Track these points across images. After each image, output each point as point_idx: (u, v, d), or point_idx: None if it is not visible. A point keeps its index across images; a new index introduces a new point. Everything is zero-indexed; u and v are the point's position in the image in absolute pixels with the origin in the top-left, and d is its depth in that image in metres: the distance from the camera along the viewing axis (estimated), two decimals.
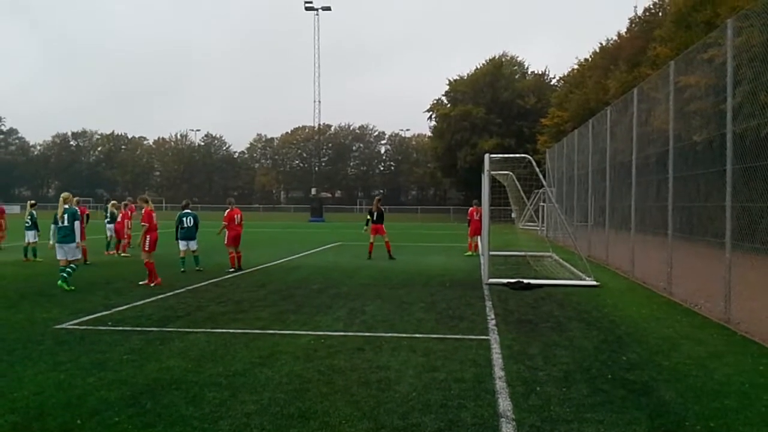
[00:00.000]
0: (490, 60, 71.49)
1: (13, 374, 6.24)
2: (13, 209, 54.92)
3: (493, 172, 15.93)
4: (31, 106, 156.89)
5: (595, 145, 19.60)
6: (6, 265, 16.45)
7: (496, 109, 67.73)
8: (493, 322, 9.16)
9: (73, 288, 11.97)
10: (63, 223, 12.33)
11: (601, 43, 47.99)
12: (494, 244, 17.03)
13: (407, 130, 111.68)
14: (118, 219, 20.18)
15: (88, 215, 18.03)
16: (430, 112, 74.03)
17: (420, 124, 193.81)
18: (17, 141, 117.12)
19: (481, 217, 20.85)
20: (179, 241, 15.71)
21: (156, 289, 12.21)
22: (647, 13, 41.92)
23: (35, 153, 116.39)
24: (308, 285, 13.11)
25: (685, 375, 6.38)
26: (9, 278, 13.76)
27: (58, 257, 12.45)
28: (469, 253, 21.26)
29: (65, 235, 12.31)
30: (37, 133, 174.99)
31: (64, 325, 8.70)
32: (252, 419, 5.01)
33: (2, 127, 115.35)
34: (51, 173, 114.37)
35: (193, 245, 15.73)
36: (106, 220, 20.68)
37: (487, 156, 15.10)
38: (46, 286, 12.36)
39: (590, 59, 49.24)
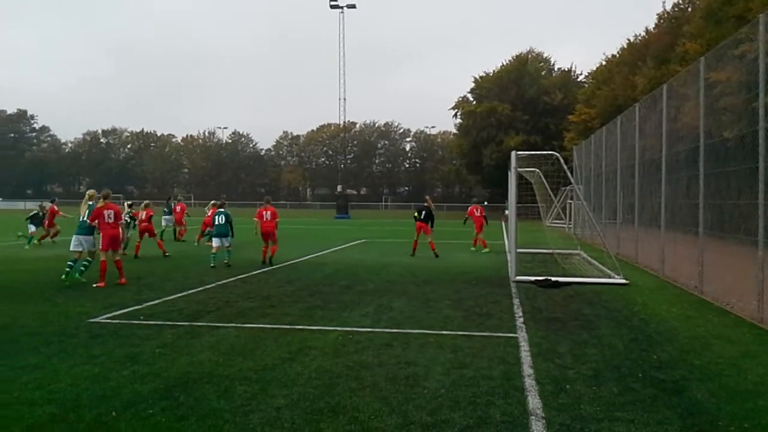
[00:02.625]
0: (515, 57, 71.09)
1: (50, 366, 6.39)
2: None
3: (519, 170, 15.81)
4: (63, 104, 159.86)
5: (623, 141, 19.37)
6: (44, 260, 16.82)
7: (521, 105, 67.39)
8: (521, 319, 9.13)
9: (84, 281, 12.33)
10: (84, 217, 12.81)
11: (628, 39, 47.51)
12: (521, 242, 16.94)
13: (432, 127, 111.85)
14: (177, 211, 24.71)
15: (151, 216, 18.66)
16: (456, 110, 73.89)
17: (445, 122, 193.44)
18: (49, 139, 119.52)
19: (481, 213, 21.94)
20: (213, 238, 16.48)
21: (186, 284, 12.38)
22: (676, 9, 41.31)
23: (66, 150, 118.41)
24: (335, 281, 13.18)
25: (717, 374, 6.29)
26: (46, 273, 14.05)
27: (73, 248, 12.71)
28: (474, 248, 21.60)
29: (85, 227, 12.72)
30: (68, 131, 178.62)
31: (97, 319, 8.88)
32: (282, 413, 5.07)
33: (34, 125, 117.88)
34: (82, 170, 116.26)
35: (226, 242, 16.21)
36: (164, 214, 23.91)
37: (513, 153, 15.00)
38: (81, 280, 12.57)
39: (618, 55, 48.69)
